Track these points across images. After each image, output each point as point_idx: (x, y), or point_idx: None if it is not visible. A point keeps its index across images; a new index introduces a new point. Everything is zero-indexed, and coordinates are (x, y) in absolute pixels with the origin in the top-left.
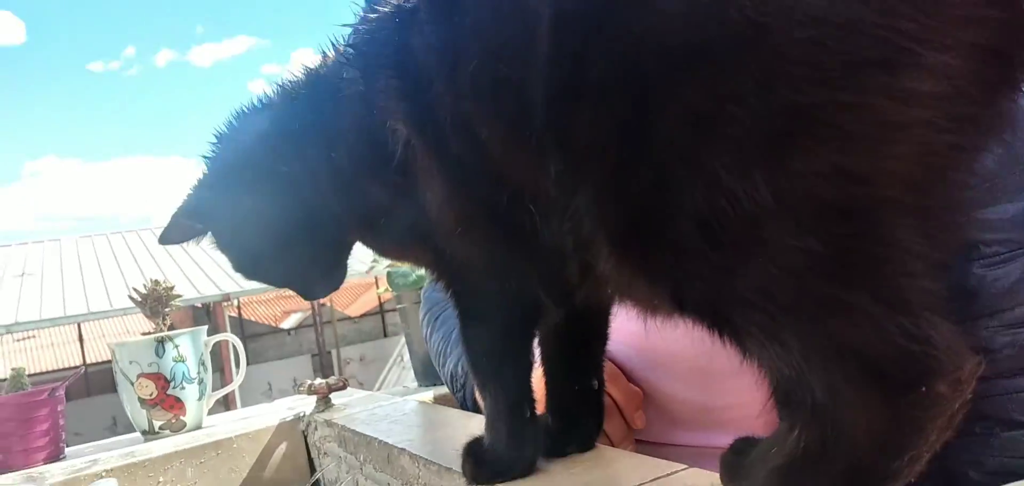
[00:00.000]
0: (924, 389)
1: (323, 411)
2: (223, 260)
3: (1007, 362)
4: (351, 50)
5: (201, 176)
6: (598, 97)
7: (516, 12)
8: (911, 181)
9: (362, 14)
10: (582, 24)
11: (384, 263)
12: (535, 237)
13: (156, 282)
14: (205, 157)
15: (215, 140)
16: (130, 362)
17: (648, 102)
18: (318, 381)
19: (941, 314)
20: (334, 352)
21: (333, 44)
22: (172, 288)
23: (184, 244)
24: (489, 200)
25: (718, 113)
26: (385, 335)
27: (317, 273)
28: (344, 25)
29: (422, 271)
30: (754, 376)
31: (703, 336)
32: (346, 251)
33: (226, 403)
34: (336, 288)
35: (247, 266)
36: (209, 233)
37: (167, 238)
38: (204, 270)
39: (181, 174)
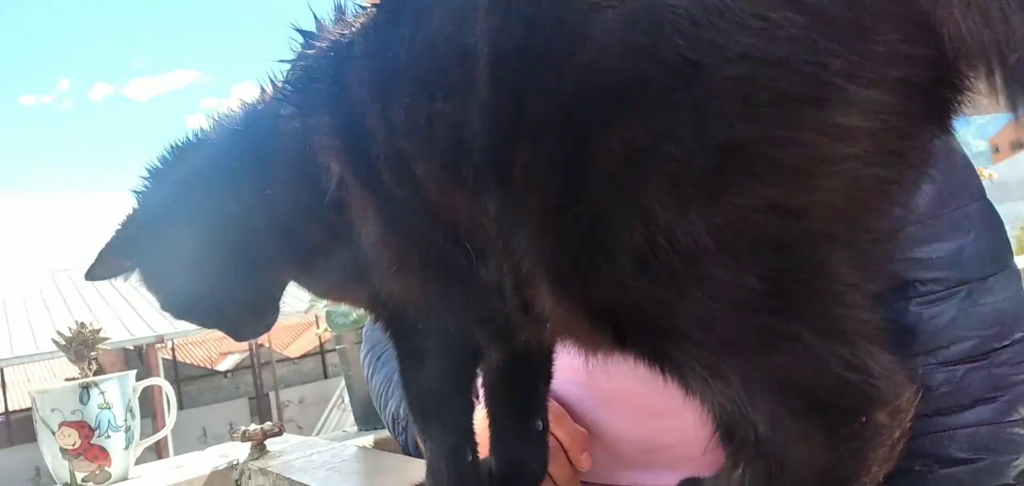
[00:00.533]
0: (864, 419)
1: (258, 458)
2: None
3: (945, 399)
4: (288, 86)
5: (131, 212)
6: (537, 134)
7: (453, 50)
8: (844, 214)
9: (300, 50)
10: (520, 63)
11: (323, 302)
12: (472, 275)
13: (82, 324)
14: (136, 192)
15: (147, 175)
16: (52, 410)
17: (586, 139)
18: (252, 427)
19: (878, 344)
20: (272, 394)
21: (272, 80)
22: (98, 331)
23: (112, 281)
24: (424, 238)
25: (654, 149)
26: (325, 376)
27: (248, 314)
28: (282, 61)
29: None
30: (699, 414)
31: (648, 373)
32: (279, 291)
33: (157, 451)
34: (267, 330)
35: (176, 306)
36: (137, 270)
37: (94, 274)
38: (137, 310)
39: (115, 210)
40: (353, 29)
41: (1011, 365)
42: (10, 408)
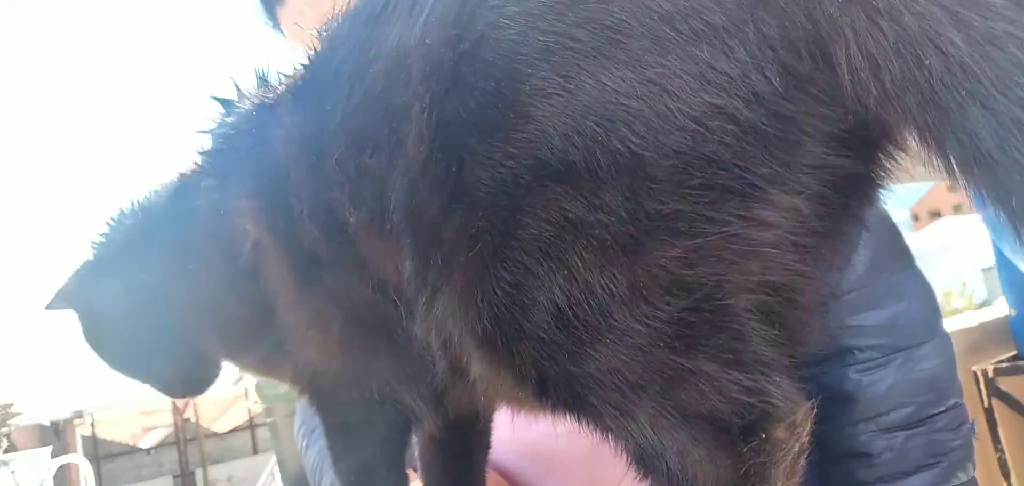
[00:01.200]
0: (764, 435)
1: None
2: (76, 372)
3: (887, 466)
4: (207, 157)
5: (85, 261)
6: (473, 198)
7: (385, 108)
8: (754, 283)
9: (220, 118)
10: (463, 130)
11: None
12: (402, 333)
13: None
14: (93, 243)
15: (107, 225)
16: None
17: (523, 207)
18: None
19: (776, 372)
20: (199, 472)
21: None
22: (10, 406)
23: (30, 352)
24: (350, 295)
25: (588, 218)
26: (256, 452)
27: (180, 375)
28: (202, 131)
29: None
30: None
31: (592, 443)
32: (212, 359)
33: None
34: (202, 391)
35: (110, 358)
36: (80, 321)
37: (52, 306)
38: (54, 384)
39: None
40: (278, 91)
41: (948, 430)
42: None
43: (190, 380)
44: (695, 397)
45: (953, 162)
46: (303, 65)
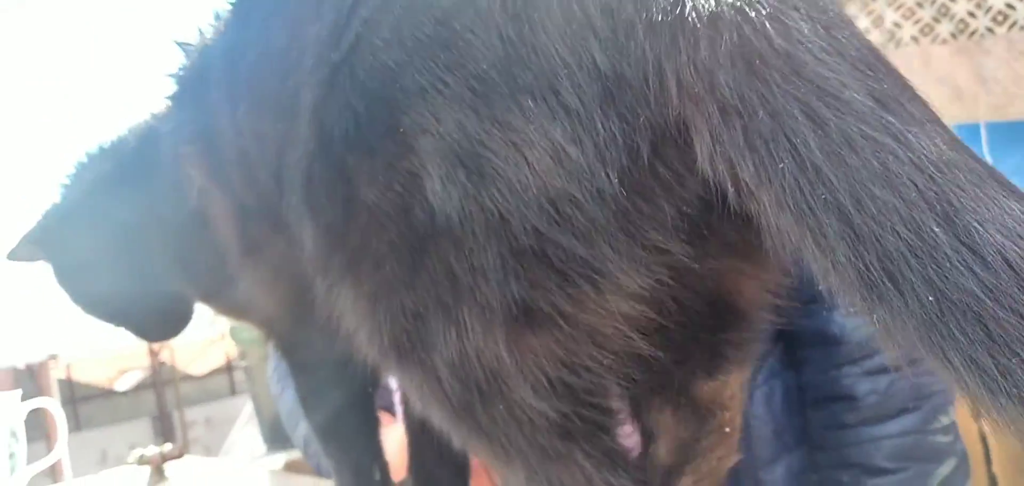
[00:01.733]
0: None
1: (157, 484)
2: (49, 315)
3: (870, 410)
4: (170, 101)
5: (53, 203)
6: (368, 220)
7: (283, 79)
8: (626, 378)
9: (183, 60)
10: (344, 144)
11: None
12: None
13: None
14: (61, 184)
15: (72, 169)
16: None
17: (416, 247)
18: (150, 450)
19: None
20: (176, 414)
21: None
22: None
23: (8, 294)
24: (279, 249)
25: (470, 280)
26: (233, 393)
27: (154, 318)
28: (168, 75)
29: None
30: None
31: None
32: (185, 301)
33: (53, 476)
34: (175, 334)
35: (82, 302)
36: (49, 263)
37: (15, 256)
38: (28, 327)
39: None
40: (219, 29)
41: (933, 373)
42: None
43: (163, 323)
44: (568, 480)
45: (813, 267)
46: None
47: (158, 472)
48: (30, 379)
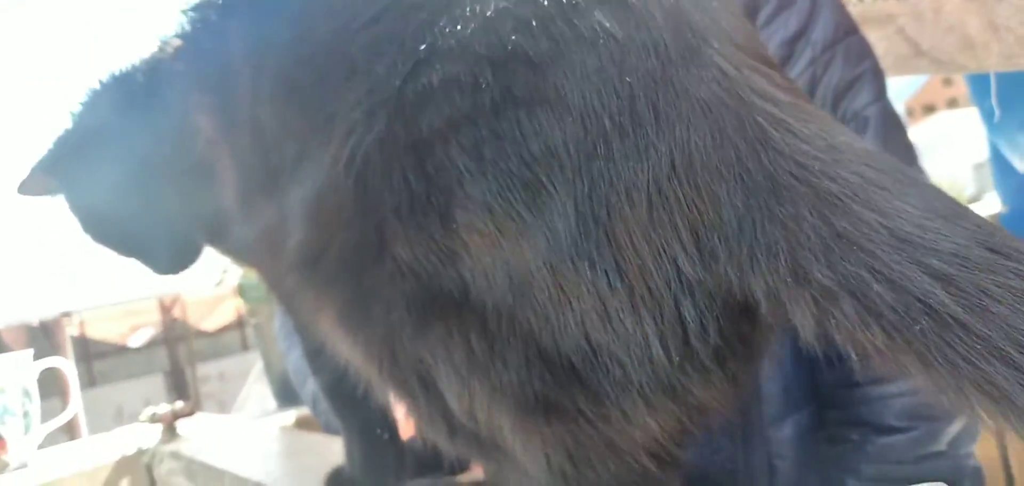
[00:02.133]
0: None
1: (169, 442)
2: (62, 272)
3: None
4: (182, 38)
5: (63, 130)
6: (388, 270)
7: (320, 86)
8: (619, 474)
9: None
10: (384, 196)
11: (237, 273)
12: None
13: None
14: (71, 112)
15: (84, 96)
16: None
17: (436, 308)
18: (162, 408)
19: None
20: (189, 370)
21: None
22: None
23: (14, 254)
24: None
25: (489, 362)
26: (245, 349)
27: (165, 250)
28: (182, 10)
29: None
30: None
31: None
32: (196, 236)
33: (70, 432)
34: (185, 268)
35: (94, 231)
36: (62, 192)
37: (25, 189)
38: (40, 284)
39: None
40: None
41: None
42: None
43: (173, 257)
44: None
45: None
46: None
47: (170, 430)
48: (44, 336)
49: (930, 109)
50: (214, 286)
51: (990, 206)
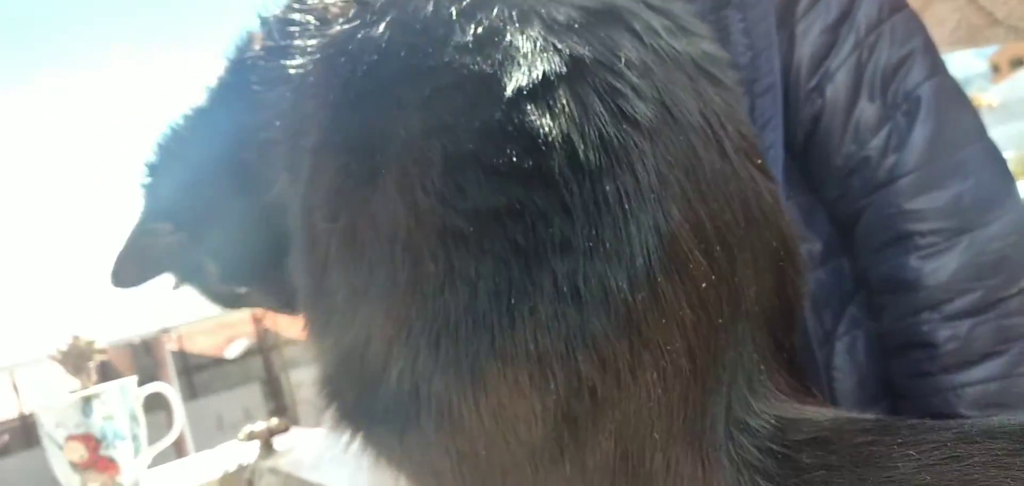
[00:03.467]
0: None
1: (267, 457)
2: (158, 292)
3: (950, 357)
4: (261, 60)
5: (148, 184)
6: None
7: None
8: None
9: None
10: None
11: None
12: None
13: (76, 337)
14: (144, 185)
15: (157, 149)
16: (56, 425)
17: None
18: (258, 426)
19: None
20: (284, 377)
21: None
22: (92, 342)
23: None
24: None
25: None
26: None
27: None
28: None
29: None
30: None
31: None
32: None
33: (177, 449)
34: None
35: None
36: (185, 235)
37: (122, 279)
38: (139, 303)
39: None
40: (333, 27)
41: (1020, 314)
42: (24, 412)
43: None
44: None
45: None
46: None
47: (267, 446)
48: (146, 353)
49: (1018, 63)
50: None
51: None
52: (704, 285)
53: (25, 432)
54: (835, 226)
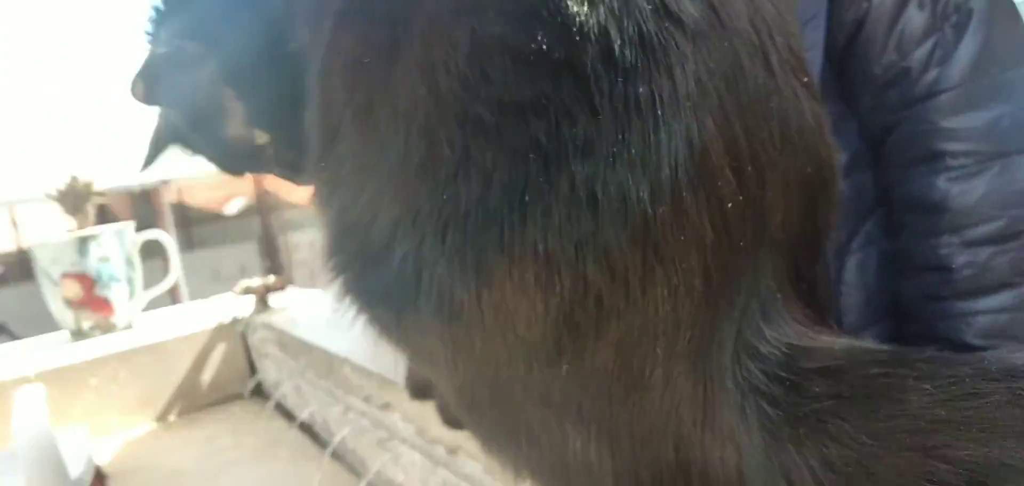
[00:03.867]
0: None
1: (262, 312)
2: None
3: (965, 283)
4: None
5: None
6: None
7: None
8: None
9: None
10: None
11: None
12: None
13: (74, 177)
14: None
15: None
16: (52, 261)
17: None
18: (254, 281)
19: None
20: (281, 238)
21: None
22: (90, 183)
23: (116, 123)
24: None
25: None
26: None
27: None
28: None
29: None
30: None
31: None
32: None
33: (172, 296)
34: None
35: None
36: (213, 62)
37: (138, 92)
38: (140, 152)
39: None
40: None
41: None
42: (23, 246)
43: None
44: None
45: None
46: None
47: (262, 302)
48: (145, 202)
49: None
50: None
51: None
52: (730, 205)
53: (22, 266)
54: (864, 139)
